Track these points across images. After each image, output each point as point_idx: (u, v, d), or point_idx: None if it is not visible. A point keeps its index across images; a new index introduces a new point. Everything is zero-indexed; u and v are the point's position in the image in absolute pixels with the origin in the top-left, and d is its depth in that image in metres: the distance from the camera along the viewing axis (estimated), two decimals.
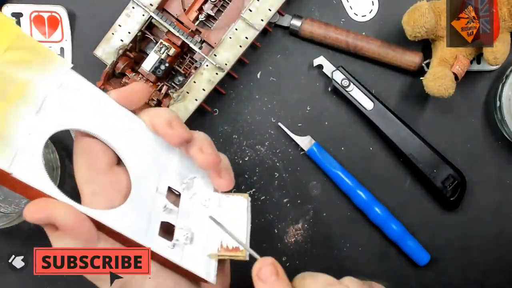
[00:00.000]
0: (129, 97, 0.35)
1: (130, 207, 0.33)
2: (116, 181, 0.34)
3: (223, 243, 0.35)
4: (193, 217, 0.36)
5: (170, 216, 0.35)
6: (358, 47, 0.54)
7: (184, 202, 0.37)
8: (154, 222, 0.34)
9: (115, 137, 0.34)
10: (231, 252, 0.35)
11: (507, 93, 0.53)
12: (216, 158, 0.36)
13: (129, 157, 0.34)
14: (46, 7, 0.55)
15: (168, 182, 0.36)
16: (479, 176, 0.57)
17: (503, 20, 0.50)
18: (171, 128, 0.35)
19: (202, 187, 0.38)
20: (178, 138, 0.35)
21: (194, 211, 0.37)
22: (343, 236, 0.57)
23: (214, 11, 0.54)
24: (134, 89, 0.36)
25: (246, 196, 0.38)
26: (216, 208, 0.37)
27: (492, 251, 0.57)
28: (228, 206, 0.37)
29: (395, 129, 0.55)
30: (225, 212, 0.37)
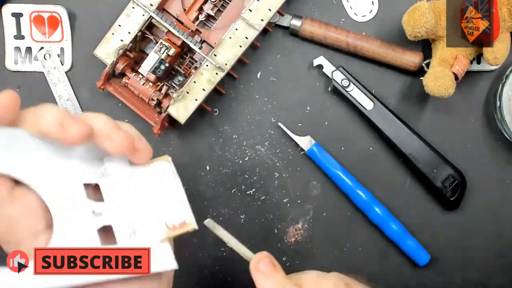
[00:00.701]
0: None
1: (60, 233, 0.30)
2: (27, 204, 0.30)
3: (168, 223, 0.34)
4: (124, 203, 0.33)
5: (102, 219, 0.32)
6: (358, 47, 0.54)
7: (106, 192, 0.33)
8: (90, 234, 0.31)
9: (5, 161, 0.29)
10: (180, 229, 0.34)
11: (507, 93, 0.53)
12: (129, 139, 0.32)
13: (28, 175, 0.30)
14: (46, 7, 0.55)
15: (81, 180, 0.32)
16: (479, 176, 0.57)
17: (503, 20, 0.50)
18: (64, 129, 0.29)
19: (117, 166, 0.34)
20: (76, 139, 0.29)
21: (122, 196, 0.33)
22: (343, 236, 0.57)
23: (214, 11, 0.54)
24: None
25: (166, 158, 0.35)
26: (141, 182, 0.34)
27: (492, 251, 0.57)
28: (153, 175, 0.34)
29: (395, 129, 0.55)
30: (152, 184, 0.34)
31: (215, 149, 0.57)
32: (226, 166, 0.57)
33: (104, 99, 0.56)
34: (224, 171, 0.57)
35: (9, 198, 0.30)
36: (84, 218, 0.31)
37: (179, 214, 0.34)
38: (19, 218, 0.30)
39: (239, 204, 0.57)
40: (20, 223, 0.30)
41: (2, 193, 0.29)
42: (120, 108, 0.55)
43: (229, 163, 0.57)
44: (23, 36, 0.56)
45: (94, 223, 0.32)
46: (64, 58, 0.56)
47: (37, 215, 0.30)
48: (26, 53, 0.56)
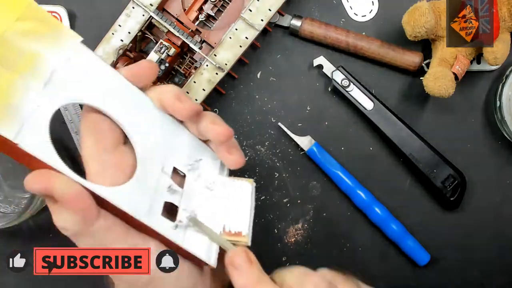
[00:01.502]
0: (138, 73, 0.35)
1: (134, 185, 0.32)
2: (122, 160, 0.34)
3: (226, 227, 0.35)
4: (197, 199, 0.36)
5: (174, 197, 0.35)
6: (358, 47, 0.54)
7: (189, 183, 0.36)
8: (157, 201, 0.34)
9: (123, 114, 0.34)
10: (233, 237, 0.35)
11: (507, 93, 0.53)
12: (230, 129, 0.35)
13: (136, 135, 0.34)
14: (46, 7, 0.55)
15: (174, 163, 0.36)
16: (479, 176, 0.57)
17: (503, 20, 0.50)
18: (180, 101, 0.34)
19: (208, 169, 0.37)
20: (188, 111, 0.34)
21: (198, 194, 0.36)
22: (343, 236, 0.57)
23: (214, 11, 0.54)
24: (142, 66, 0.36)
25: (251, 181, 0.38)
26: (220, 191, 0.36)
27: (492, 251, 0.57)
28: (232, 189, 0.37)
29: (395, 129, 0.55)
30: (228, 196, 0.36)
31: None
32: None
33: None
34: None
35: (113, 148, 0.34)
36: (159, 187, 0.34)
37: (239, 225, 0.35)
38: (110, 167, 0.33)
39: None
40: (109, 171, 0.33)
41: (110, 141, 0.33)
42: None
43: None
44: None
45: (165, 196, 0.34)
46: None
47: (125, 171, 0.33)
48: None
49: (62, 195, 0.29)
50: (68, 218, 0.30)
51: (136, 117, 0.34)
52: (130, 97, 0.34)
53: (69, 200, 0.29)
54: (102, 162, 0.33)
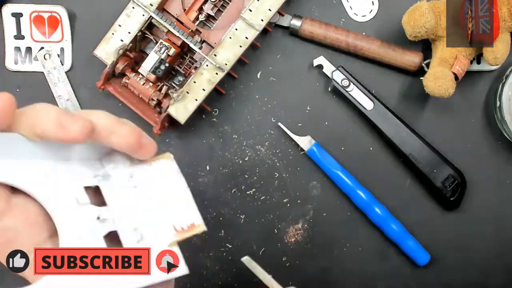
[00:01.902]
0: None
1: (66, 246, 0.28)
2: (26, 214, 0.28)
3: (176, 225, 0.32)
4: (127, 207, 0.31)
5: (108, 224, 0.30)
6: (358, 47, 0.54)
7: (108, 195, 0.31)
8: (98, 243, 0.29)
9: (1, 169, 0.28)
10: (189, 231, 0.32)
11: (507, 93, 0.53)
12: (135, 132, 0.30)
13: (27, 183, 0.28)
14: (46, 7, 0.55)
15: (81, 183, 0.30)
16: (479, 176, 0.57)
17: (503, 20, 0.50)
18: (64, 129, 0.26)
19: (117, 167, 0.32)
20: (79, 137, 0.27)
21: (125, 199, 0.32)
22: (343, 236, 0.57)
23: (214, 11, 0.54)
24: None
25: (168, 155, 0.33)
26: (145, 184, 0.32)
27: (492, 251, 0.57)
28: (155, 174, 0.32)
29: (395, 129, 0.55)
30: (155, 182, 0.32)
31: (215, 149, 0.57)
32: (226, 166, 0.57)
33: (104, 99, 0.56)
34: (224, 171, 0.57)
35: (7, 209, 0.28)
36: (89, 225, 0.30)
37: (187, 215, 0.32)
38: (19, 230, 0.28)
39: (239, 204, 0.57)
40: (21, 235, 0.28)
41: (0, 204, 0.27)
42: (120, 108, 0.55)
43: (229, 163, 0.57)
44: (23, 36, 0.56)
45: (100, 229, 0.30)
46: (64, 58, 0.56)
47: (38, 224, 0.29)
48: (26, 53, 0.56)
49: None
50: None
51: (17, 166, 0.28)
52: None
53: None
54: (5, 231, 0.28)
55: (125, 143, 0.29)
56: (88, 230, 0.29)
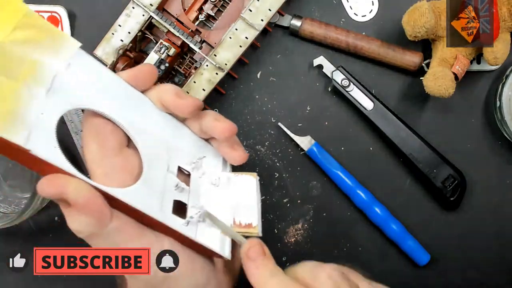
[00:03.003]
0: (138, 77, 0.35)
1: (143, 186, 0.33)
2: (127, 162, 0.34)
3: (236, 219, 0.36)
4: (204, 196, 0.36)
5: (181, 195, 0.35)
6: (358, 47, 0.54)
7: (194, 181, 0.37)
8: (167, 200, 0.34)
9: (125, 117, 0.34)
10: (244, 229, 0.35)
11: (507, 93, 0.53)
12: (234, 125, 0.36)
13: (139, 137, 0.34)
14: (46, 7, 0.55)
15: (178, 162, 0.36)
16: (479, 176, 0.57)
17: (503, 20, 0.50)
18: (181, 98, 0.35)
19: (211, 166, 0.38)
20: (190, 106, 0.35)
21: (205, 190, 0.37)
22: (343, 236, 0.57)
23: (214, 11, 0.54)
24: (142, 70, 0.36)
25: (254, 175, 0.38)
26: (225, 187, 0.37)
27: (492, 251, 0.57)
28: (237, 184, 0.37)
29: (395, 129, 0.55)
30: (234, 190, 0.37)
31: None
32: None
33: None
34: None
35: (117, 151, 0.34)
36: (167, 186, 0.34)
37: (249, 217, 0.36)
38: (116, 170, 0.33)
39: None
40: (116, 174, 0.33)
41: (114, 144, 0.34)
42: None
43: None
44: None
45: (174, 194, 0.35)
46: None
47: (131, 173, 0.34)
48: None
49: (76, 199, 0.29)
50: (82, 221, 0.30)
51: (138, 119, 0.35)
52: (130, 100, 0.34)
53: (82, 203, 0.29)
54: (107, 166, 0.33)
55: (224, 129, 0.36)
56: (164, 190, 0.34)
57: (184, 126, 0.37)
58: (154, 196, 0.33)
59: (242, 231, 0.35)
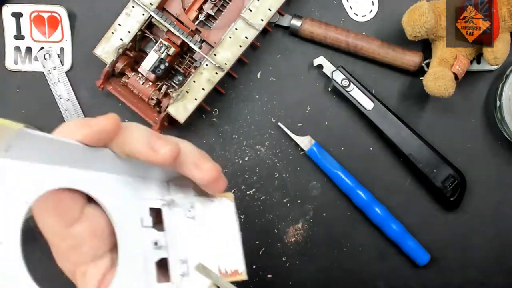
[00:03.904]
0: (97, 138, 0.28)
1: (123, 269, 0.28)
2: (95, 226, 0.29)
3: (221, 267, 0.32)
4: (182, 238, 0.32)
5: (161, 251, 0.31)
6: (358, 47, 0.54)
7: (168, 221, 0.32)
8: (150, 269, 0.30)
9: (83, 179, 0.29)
10: (230, 277, 0.32)
11: (507, 93, 0.53)
12: (217, 171, 0.31)
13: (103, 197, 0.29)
14: (46, 7, 0.55)
15: (148, 205, 0.32)
16: (479, 176, 0.57)
17: (503, 20, 0.50)
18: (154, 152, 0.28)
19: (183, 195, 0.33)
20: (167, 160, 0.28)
21: (181, 230, 0.32)
22: (343, 236, 0.57)
23: (214, 10, 0.54)
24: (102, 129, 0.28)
25: (230, 196, 0.34)
26: (202, 218, 0.33)
27: (492, 251, 0.57)
28: (214, 211, 0.33)
29: (395, 129, 0.55)
30: (212, 222, 0.33)
31: (215, 149, 0.57)
32: (226, 166, 0.57)
33: (103, 99, 0.56)
34: (224, 171, 0.57)
35: (80, 216, 0.29)
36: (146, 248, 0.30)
37: (233, 260, 0.33)
38: (85, 238, 0.29)
39: (239, 204, 0.57)
40: (85, 243, 0.29)
41: (75, 211, 0.28)
42: (119, 107, 0.55)
43: (229, 163, 0.57)
44: (23, 36, 0.56)
45: (154, 254, 0.31)
46: (64, 58, 0.56)
47: (102, 237, 0.29)
48: (26, 53, 0.56)
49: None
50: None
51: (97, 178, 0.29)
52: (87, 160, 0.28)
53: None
54: (72, 238, 0.28)
55: (205, 178, 0.30)
56: (144, 253, 0.30)
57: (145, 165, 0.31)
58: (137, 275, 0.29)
59: (230, 280, 0.32)
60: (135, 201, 0.31)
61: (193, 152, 0.31)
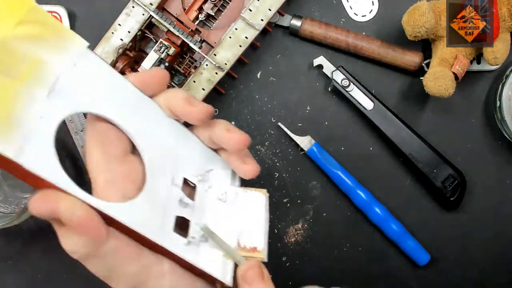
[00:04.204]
0: (147, 81, 0.33)
1: (144, 200, 0.31)
2: (131, 171, 0.32)
3: (241, 242, 0.33)
4: (209, 212, 0.34)
5: (185, 211, 0.33)
6: (358, 47, 0.54)
7: (200, 195, 0.34)
8: (169, 216, 0.32)
9: (130, 123, 0.32)
10: (248, 252, 0.33)
11: (507, 93, 0.53)
12: (247, 137, 0.33)
13: (144, 144, 0.32)
14: (46, 7, 0.55)
15: (184, 173, 0.34)
16: (479, 176, 0.57)
17: (503, 20, 0.50)
18: (191, 105, 0.32)
19: (219, 180, 0.35)
20: (200, 114, 0.32)
21: (210, 206, 0.34)
22: (343, 236, 0.57)
23: (214, 10, 0.54)
24: (153, 75, 0.34)
25: (264, 192, 0.36)
26: (233, 203, 0.35)
27: (492, 251, 0.57)
28: (246, 201, 0.35)
29: (395, 129, 0.55)
30: (242, 208, 0.35)
31: None
32: None
33: None
34: None
35: (121, 156, 0.32)
36: (170, 200, 0.32)
37: (255, 239, 0.33)
38: (120, 177, 0.31)
39: None
40: (119, 182, 0.31)
41: (117, 149, 0.32)
42: None
43: None
44: None
45: (177, 210, 0.33)
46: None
47: (135, 183, 0.32)
48: None
49: (70, 218, 0.27)
50: (76, 241, 0.28)
51: (144, 125, 0.32)
52: (138, 105, 0.32)
53: (76, 222, 0.27)
54: (110, 173, 0.31)
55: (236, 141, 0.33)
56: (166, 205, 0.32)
57: (192, 135, 0.35)
58: (155, 213, 0.31)
59: (246, 255, 0.33)
60: (174, 163, 0.33)
61: (225, 121, 0.35)
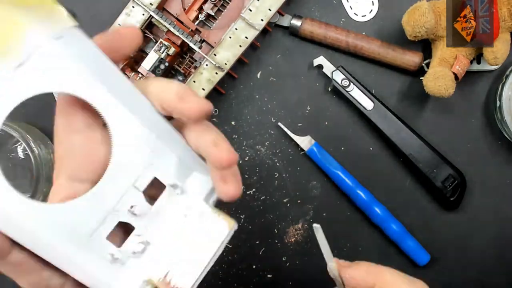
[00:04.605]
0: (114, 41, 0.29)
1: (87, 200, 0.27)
2: (92, 147, 0.29)
3: (169, 274, 0.29)
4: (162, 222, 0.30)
5: (133, 218, 0.29)
6: (358, 47, 0.54)
7: (162, 201, 0.30)
8: (109, 222, 0.28)
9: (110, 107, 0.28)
10: None
11: (507, 93, 0.53)
12: (233, 155, 0.29)
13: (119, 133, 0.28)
14: None
15: (157, 174, 0.29)
16: (479, 176, 0.57)
17: (503, 20, 0.50)
18: (183, 101, 0.29)
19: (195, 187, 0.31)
20: (194, 113, 0.29)
21: (167, 216, 0.30)
22: (343, 236, 0.57)
23: (214, 10, 0.54)
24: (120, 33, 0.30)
25: (231, 224, 0.30)
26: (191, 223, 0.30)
27: (492, 251, 0.57)
28: (205, 227, 0.30)
29: (395, 129, 0.55)
30: (198, 232, 0.30)
31: None
32: None
33: None
34: None
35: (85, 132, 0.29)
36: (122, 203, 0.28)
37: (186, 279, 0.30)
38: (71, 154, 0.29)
39: (239, 204, 0.57)
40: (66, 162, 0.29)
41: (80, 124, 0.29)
42: None
43: None
44: None
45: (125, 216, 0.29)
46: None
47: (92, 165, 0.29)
48: None
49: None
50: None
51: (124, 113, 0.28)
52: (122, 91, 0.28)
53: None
54: (69, 145, 0.29)
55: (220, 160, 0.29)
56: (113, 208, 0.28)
57: (177, 135, 0.31)
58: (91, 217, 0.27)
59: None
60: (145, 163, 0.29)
61: (217, 131, 0.31)
